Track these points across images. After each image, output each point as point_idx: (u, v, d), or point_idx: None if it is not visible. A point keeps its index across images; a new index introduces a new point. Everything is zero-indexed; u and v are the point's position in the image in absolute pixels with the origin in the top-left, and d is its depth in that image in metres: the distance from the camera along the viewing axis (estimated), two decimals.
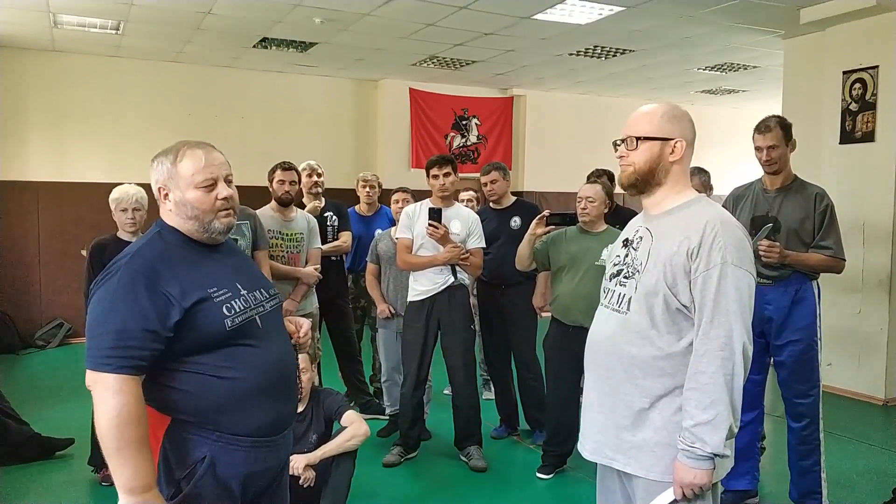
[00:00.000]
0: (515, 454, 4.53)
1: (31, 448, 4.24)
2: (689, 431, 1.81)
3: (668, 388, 1.89)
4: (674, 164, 1.96)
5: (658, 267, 1.90)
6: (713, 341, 1.81)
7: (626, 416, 1.94)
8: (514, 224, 4.63)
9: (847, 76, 5.84)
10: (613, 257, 2.11)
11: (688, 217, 1.92)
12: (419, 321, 4.18)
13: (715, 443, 1.79)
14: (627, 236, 2.08)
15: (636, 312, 1.93)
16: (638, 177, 1.98)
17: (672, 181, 1.98)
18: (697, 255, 1.84)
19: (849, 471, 4.24)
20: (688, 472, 1.82)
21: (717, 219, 1.88)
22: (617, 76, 8.88)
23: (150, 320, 1.69)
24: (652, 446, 1.90)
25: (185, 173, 1.84)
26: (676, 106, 2.01)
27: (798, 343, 3.43)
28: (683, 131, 1.97)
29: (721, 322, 1.80)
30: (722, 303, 1.81)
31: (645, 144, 1.96)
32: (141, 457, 1.66)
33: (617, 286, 2.02)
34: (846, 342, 5.81)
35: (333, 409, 3.38)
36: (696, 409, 1.81)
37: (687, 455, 1.82)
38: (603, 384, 2.00)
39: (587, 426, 2.09)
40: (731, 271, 1.82)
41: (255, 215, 4.01)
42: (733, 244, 1.84)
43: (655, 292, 1.89)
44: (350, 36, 6.97)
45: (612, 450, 1.98)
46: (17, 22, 6.56)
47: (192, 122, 8.28)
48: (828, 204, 3.41)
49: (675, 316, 1.88)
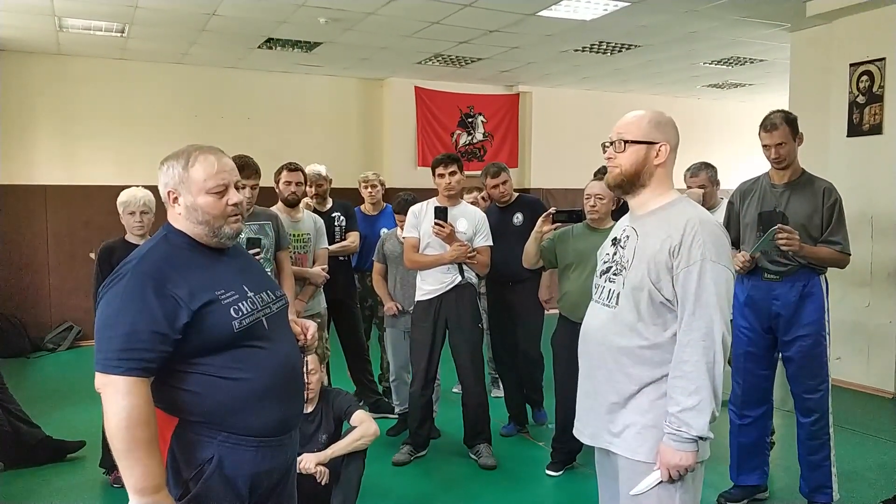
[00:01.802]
0: (525, 452, 4.53)
1: (42, 451, 4.26)
2: (675, 416, 1.93)
3: (655, 376, 2.01)
4: (658, 167, 2.09)
5: (643, 264, 2.03)
6: (695, 332, 1.93)
7: (616, 401, 2.06)
8: (516, 220, 4.63)
9: (854, 69, 5.80)
10: (604, 255, 2.25)
11: (670, 217, 2.04)
12: (427, 320, 4.19)
13: (699, 426, 1.90)
14: (616, 235, 2.22)
15: (624, 306, 2.06)
16: (624, 178, 2.10)
17: (656, 183, 2.10)
18: (679, 253, 1.97)
19: (859, 465, 4.23)
20: (674, 455, 1.92)
21: (697, 218, 2.00)
22: (623, 72, 8.85)
23: (158, 323, 1.70)
24: (638, 428, 2.02)
25: (197, 178, 1.85)
26: (662, 113, 2.14)
27: (806, 338, 3.42)
28: (668, 136, 2.09)
29: (702, 314, 1.93)
30: (703, 296, 1.93)
31: (632, 147, 2.08)
32: (151, 458, 1.68)
33: (606, 282, 2.16)
34: (855, 336, 5.79)
35: (343, 408, 3.40)
36: (681, 395, 1.93)
37: (673, 438, 1.93)
38: (595, 373, 2.14)
39: (582, 413, 2.22)
40: (710, 267, 1.94)
41: (277, 216, 4.00)
42: (712, 242, 1.97)
43: (641, 287, 2.02)
44: (355, 35, 6.97)
45: (606, 433, 2.10)
46: (23, 26, 6.59)
47: (198, 124, 8.30)
48: (836, 199, 3.39)
49: (660, 309, 2.01)
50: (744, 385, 3.60)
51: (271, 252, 3.83)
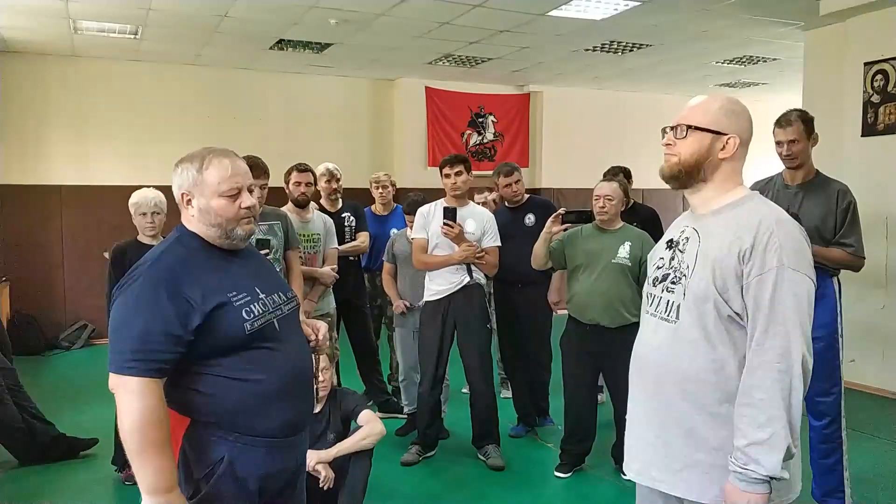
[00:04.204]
0: (533, 453, 4.52)
1: (55, 448, 4.30)
2: (742, 451, 1.66)
3: (724, 406, 1.74)
4: (723, 161, 1.84)
5: (707, 270, 1.76)
6: (768, 353, 1.66)
7: (678, 435, 1.80)
8: (528, 221, 4.62)
9: (868, 67, 5.74)
10: (657, 259, 1.97)
11: (739, 216, 1.78)
12: (435, 321, 4.19)
13: (771, 464, 1.64)
14: (672, 237, 1.94)
15: (686, 322, 1.78)
16: (682, 168, 1.85)
17: (721, 179, 1.85)
18: (750, 258, 1.70)
19: (873, 468, 4.18)
20: (740, 496, 1.66)
21: (773, 217, 1.74)
22: (634, 71, 8.82)
23: (171, 324, 1.72)
24: (705, 468, 1.77)
25: (212, 181, 1.86)
26: (737, 101, 1.89)
27: (818, 341, 3.33)
28: (740, 129, 1.85)
29: (777, 331, 1.65)
30: (778, 310, 1.66)
31: (695, 135, 1.83)
32: (163, 458, 1.70)
33: (663, 292, 1.87)
34: (870, 338, 5.72)
35: (351, 408, 3.41)
36: (749, 427, 1.66)
37: (739, 478, 1.67)
38: (651, 399, 1.87)
39: (632, 443, 1.95)
40: (788, 275, 1.67)
41: (286, 216, 4.03)
42: (791, 245, 1.70)
43: (706, 298, 1.74)
44: (365, 36, 6.99)
45: (659, 470, 1.85)
46: (38, 28, 6.65)
47: (211, 125, 8.34)
48: (850, 201, 3.34)
49: (729, 325, 1.73)
50: None
51: (280, 252, 3.85)
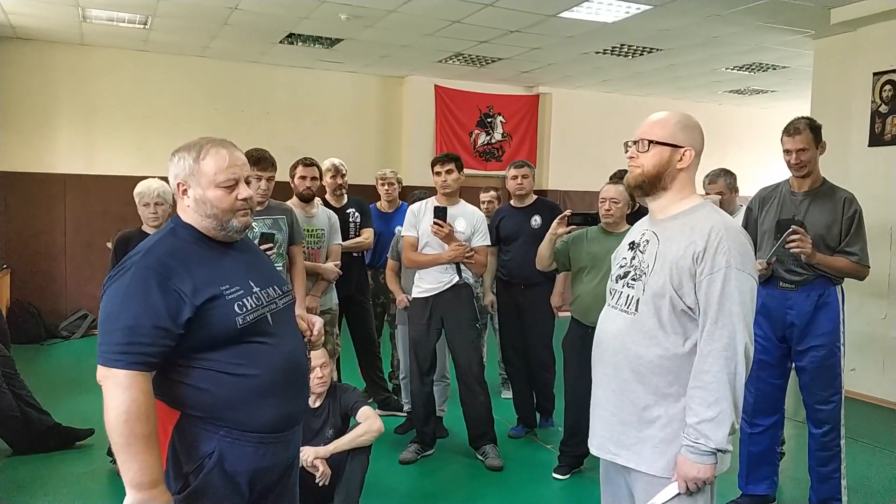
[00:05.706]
0: (532, 454, 4.51)
1: (51, 438, 4.29)
2: (694, 428, 1.88)
3: (673, 387, 1.96)
4: (681, 171, 2.03)
5: (665, 270, 1.97)
6: (717, 342, 1.88)
7: (632, 413, 2.01)
8: (534, 223, 4.61)
9: (877, 77, 5.73)
10: (619, 259, 2.19)
11: (693, 222, 1.98)
12: (422, 318, 4.19)
13: (718, 439, 1.86)
14: (633, 239, 2.15)
15: (644, 313, 2.00)
16: (645, 179, 2.05)
17: (678, 187, 2.05)
18: (703, 259, 1.91)
19: (871, 478, 4.17)
20: (692, 467, 1.88)
21: (722, 224, 1.95)
22: (644, 75, 8.80)
23: (161, 317, 1.69)
24: (656, 442, 1.97)
25: (208, 171, 1.83)
26: (689, 116, 2.09)
27: (820, 349, 3.37)
28: (693, 141, 2.04)
29: (725, 323, 1.87)
30: (726, 305, 1.88)
31: (656, 149, 2.02)
32: (149, 452, 1.66)
33: (625, 287, 2.09)
34: (871, 347, 5.71)
35: (349, 404, 3.40)
36: (700, 406, 1.88)
37: (691, 451, 1.88)
38: (610, 382, 2.08)
39: (594, 421, 2.16)
40: (734, 275, 1.89)
41: (291, 210, 4.01)
42: (737, 249, 1.91)
43: (662, 294, 1.96)
44: (376, 32, 6.98)
45: (615, 445, 2.05)
46: (47, 16, 6.66)
47: (218, 117, 8.35)
48: (856, 210, 3.34)
49: (681, 317, 1.95)
50: (756, 394, 3.56)
51: (284, 247, 3.84)
